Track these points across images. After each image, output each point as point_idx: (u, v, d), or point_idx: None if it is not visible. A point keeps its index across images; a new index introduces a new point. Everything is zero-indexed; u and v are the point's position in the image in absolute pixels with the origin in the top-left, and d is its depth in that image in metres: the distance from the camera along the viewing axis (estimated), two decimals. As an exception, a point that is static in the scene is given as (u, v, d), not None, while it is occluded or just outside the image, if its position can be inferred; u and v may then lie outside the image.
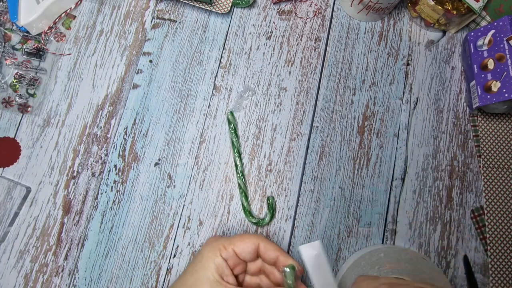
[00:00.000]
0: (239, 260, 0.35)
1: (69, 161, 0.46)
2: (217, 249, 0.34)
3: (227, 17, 0.52)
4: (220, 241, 0.35)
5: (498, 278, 0.45)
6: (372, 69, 0.51)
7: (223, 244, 0.35)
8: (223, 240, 0.35)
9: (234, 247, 0.34)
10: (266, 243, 0.35)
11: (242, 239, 0.35)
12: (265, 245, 0.35)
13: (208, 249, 0.35)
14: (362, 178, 0.48)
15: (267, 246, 0.35)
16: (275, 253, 0.34)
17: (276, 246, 0.35)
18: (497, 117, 0.50)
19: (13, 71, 0.48)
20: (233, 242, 0.35)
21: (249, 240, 0.35)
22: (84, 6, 0.51)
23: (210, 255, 0.34)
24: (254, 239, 0.35)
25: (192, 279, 0.33)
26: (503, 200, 0.48)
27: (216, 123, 0.48)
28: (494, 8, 0.52)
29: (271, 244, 0.35)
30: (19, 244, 0.43)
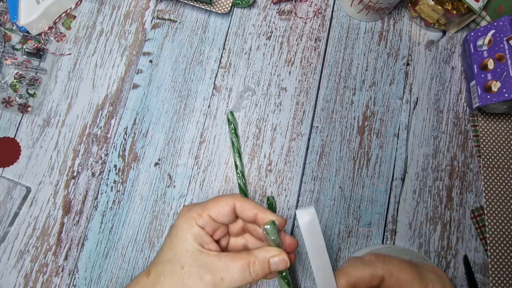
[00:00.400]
0: (218, 224, 0.33)
1: (69, 161, 0.46)
2: (192, 219, 0.32)
3: (227, 17, 0.52)
4: (194, 209, 0.33)
5: (498, 278, 0.45)
6: (372, 69, 0.51)
7: (197, 212, 0.33)
8: (197, 208, 0.33)
9: (209, 213, 0.32)
10: (242, 202, 0.33)
11: (216, 202, 0.33)
12: (241, 205, 0.33)
13: (183, 220, 0.33)
14: (362, 178, 0.48)
15: (243, 205, 0.33)
16: (252, 211, 0.33)
17: (252, 203, 0.33)
18: (497, 117, 0.50)
19: (13, 71, 0.48)
20: (207, 207, 0.33)
21: (224, 202, 0.33)
22: (84, 6, 0.51)
23: (185, 226, 0.32)
24: (229, 200, 0.33)
25: (170, 254, 0.32)
26: (503, 200, 0.48)
27: (216, 123, 0.48)
28: (494, 8, 0.52)
29: (247, 202, 0.33)
30: (19, 244, 0.43)
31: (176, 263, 0.31)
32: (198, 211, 0.33)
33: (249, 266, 0.30)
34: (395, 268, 0.29)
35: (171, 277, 0.30)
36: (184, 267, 0.30)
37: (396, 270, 0.29)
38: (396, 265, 0.29)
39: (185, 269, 0.30)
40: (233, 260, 0.31)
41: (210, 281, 0.30)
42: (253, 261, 0.31)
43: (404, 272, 0.29)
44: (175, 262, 0.31)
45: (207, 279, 0.30)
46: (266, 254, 0.31)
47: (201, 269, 0.30)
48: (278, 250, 0.32)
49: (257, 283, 0.44)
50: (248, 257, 0.31)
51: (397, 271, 0.29)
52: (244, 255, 0.31)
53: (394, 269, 0.29)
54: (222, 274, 0.30)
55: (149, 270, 0.32)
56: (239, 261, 0.30)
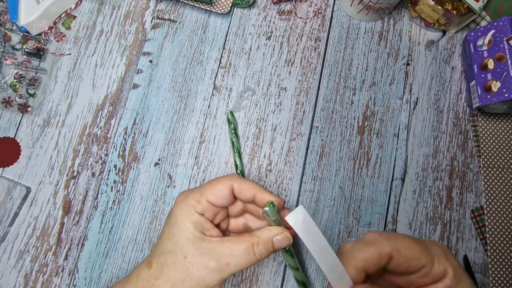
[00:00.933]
0: (217, 208, 0.33)
1: (69, 161, 0.46)
2: (190, 206, 0.31)
3: (227, 17, 0.52)
4: (191, 196, 0.32)
5: (498, 278, 0.45)
6: (372, 69, 0.51)
7: (195, 198, 0.32)
8: (194, 194, 0.32)
9: (208, 198, 0.32)
10: (240, 183, 0.32)
11: (213, 186, 0.32)
12: (239, 186, 0.32)
13: (180, 208, 0.32)
14: (362, 178, 0.48)
15: (241, 187, 0.32)
16: (250, 193, 0.32)
17: (250, 183, 0.32)
18: (497, 117, 0.50)
19: (13, 71, 0.48)
20: (205, 192, 0.32)
21: (221, 185, 0.32)
22: (84, 6, 0.51)
23: (183, 214, 0.31)
24: (226, 182, 0.32)
25: (171, 244, 0.31)
26: (503, 200, 0.48)
27: (216, 123, 0.48)
28: (494, 8, 0.52)
29: (245, 183, 0.32)
30: (19, 244, 0.43)
31: (179, 253, 0.30)
32: (195, 197, 0.32)
33: (253, 247, 0.30)
34: (402, 244, 0.28)
35: (175, 268, 0.30)
36: (187, 256, 0.30)
37: (404, 246, 0.27)
38: (402, 241, 0.28)
39: (188, 258, 0.30)
40: (237, 243, 0.30)
41: (215, 267, 0.29)
42: (257, 242, 0.30)
43: (411, 248, 0.27)
44: (177, 252, 0.30)
45: (212, 266, 0.29)
46: (269, 234, 0.31)
47: (204, 257, 0.30)
48: (280, 228, 0.32)
49: (257, 282, 0.44)
50: (251, 239, 0.30)
51: (404, 247, 0.27)
52: (247, 237, 0.31)
53: (401, 245, 0.27)
54: (227, 259, 0.29)
55: (150, 261, 0.32)
56: (242, 244, 0.30)
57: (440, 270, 0.27)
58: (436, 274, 0.27)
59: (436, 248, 0.28)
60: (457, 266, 0.27)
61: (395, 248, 0.27)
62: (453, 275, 0.27)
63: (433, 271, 0.27)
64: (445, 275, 0.27)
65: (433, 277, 0.27)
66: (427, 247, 0.28)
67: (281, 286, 0.44)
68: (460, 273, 0.27)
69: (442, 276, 0.27)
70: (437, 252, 0.28)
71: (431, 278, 0.27)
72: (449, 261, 0.27)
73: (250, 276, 0.44)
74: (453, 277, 0.27)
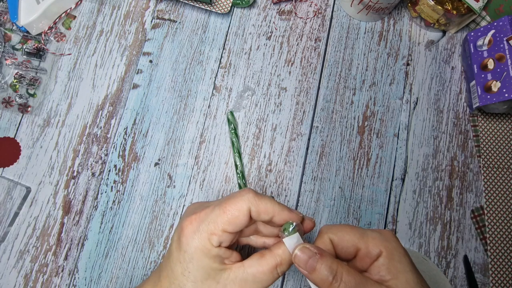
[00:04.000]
0: (234, 235, 0.30)
1: (69, 161, 0.46)
2: (205, 240, 0.29)
3: (227, 17, 0.52)
4: (204, 228, 0.29)
5: (498, 278, 0.45)
6: (372, 69, 0.51)
7: (209, 231, 0.29)
8: (206, 225, 0.29)
9: (224, 227, 0.29)
10: (257, 205, 0.30)
11: (228, 212, 0.29)
12: (257, 209, 0.30)
13: (195, 245, 0.29)
14: (362, 178, 0.48)
15: (259, 209, 0.30)
16: (268, 216, 0.30)
17: (268, 202, 0.30)
18: (497, 117, 0.50)
19: (13, 71, 0.48)
20: (219, 221, 0.29)
21: (237, 211, 0.29)
22: (84, 6, 0.51)
23: (199, 252, 0.29)
24: (243, 207, 0.29)
25: (189, 284, 0.29)
26: (503, 200, 0.48)
27: (216, 123, 0.48)
28: (494, 8, 0.52)
29: (262, 203, 0.30)
30: (19, 244, 0.43)
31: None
32: (209, 229, 0.29)
33: (276, 267, 0.29)
34: (338, 229, 0.30)
35: None
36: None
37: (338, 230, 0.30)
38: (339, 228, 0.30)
39: None
40: (259, 268, 0.29)
41: None
42: (280, 263, 0.30)
43: (345, 232, 0.30)
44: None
45: None
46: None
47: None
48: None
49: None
50: (274, 260, 0.29)
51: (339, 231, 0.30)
52: (269, 259, 0.29)
53: (336, 230, 0.30)
54: (252, 285, 0.29)
55: None
56: (266, 267, 0.29)
57: (375, 251, 0.29)
58: (373, 255, 0.29)
59: (374, 233, 0.30)
60: (394, 247, 0.29)
61: (330, 231, 0.30)
62: (385, 254, 0.28)
63: (369, 252, 0.29)
64: (380, 254, 0.29)
65: (372, 258, 0.29)
66: (363, 233, 0.30)
67: (281, 286, 0.44)
68: (395, 252, 0.29)
69: (379, 255, 0.29)
70: (373, 236, 0.29)
71: (370, 259, 0.29)
72: (384, 243, 0.29)
73: (250, 276, 0.44)
74: (385, 255, 0.28)
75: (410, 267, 0.28)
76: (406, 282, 0.27)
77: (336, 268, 0.27)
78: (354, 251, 0.30)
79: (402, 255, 0.29)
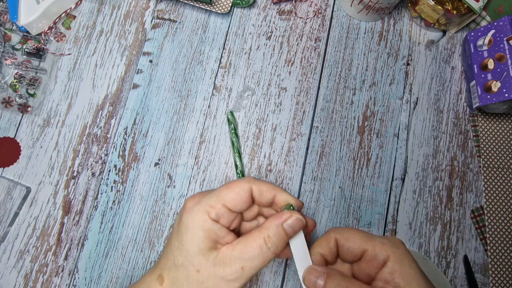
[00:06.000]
0: (234, 214, 0.30)
1: (69, 161, 0.46)
2: (203, 212, 0.29)
3: (227, 17, 0.52)
4: (204, 201, 0.29)
5: (498, 278, 0.45)
6: (372, 69, 0.51)
7: (209, 204, 0.29)
8: (208, 199, 0.29)
9: (224, 203, 0.29)
10: (259, 185, 0.30)
11: (231, 189, 0.29)
12: (258, 188, 0.30)
13: (193, 215, 0.29)
14: (362, 178, 0.48)
15: (261, 188, 0.30)
16: (271, 193, 0.30)
17: (269, 184, 0.31)
18: (497, 117, 0.50)
19: (13, 71, 0.48)
20: (221, 196, 0.29)
21: (240, 188, 0.29)
22: (84, 6, 0.51)
23: (196, 222, 0.29)
24: (245, 185, 0.30)
25: (181, 257, 0.29)
26: (503, 200, 0.48)
27: (216, 123, 0.48)
28: (494, 8, 0.52)
29: (264, 184, 0.30)
30: (19, 244, 0.43)
31: (190, 267, 0.28)
32: (210, 202, 0.29)
33: (265, 242, 0.28)
34: (345, 230, 0.30)
35: (189, 283, 0.28)
36: (200, 270, 0.28)
37: (345, 231, 0.30)
38: (346, 229, 0.31)
39: (202, 272, 0.28)
40: (247, 245, 0.28)
41: (231, 276, 0.27)
42: (267, 235, 0.28)
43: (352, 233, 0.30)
44: (188, 266, 0.28)
45: (227, 275, 0.28)
46: (278, 221, 0.29)
47: (218, 267, 0.28)
48: (288, 212, 0.29)
49: (257, 282, 0.44)
50: (261, 234, 0.28)
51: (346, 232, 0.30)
52: (256, 234, 0.28)
53: (343, 231, 0.30)
54: (241, 263, 0.28)
55: (160, 275, 0.30)
56: (253, 242, 0.28)
57: (383, 255, 0.28)
58: (380, 259, 0.28)
59: (382, 239, 0.30)
60: (403, 253, 0.29)
61: (338, 232, 0.30)
62: (394, 259, 0.28)
63: (376, 255, 0.29)
64: (388, 259, 0.28)
65: (379, 262, 0.28)
66: (370, 235, 0.30)
67: (281, 286, 0.44)
68: (404, 258, 0.28)
69: (386, 260, 0.28)
70: (382, 241, 0.29)
71: (376, 262, 0.29)
72: (393, 249, 0.29)
73: (250, 276, 0.44)
74: (395, 261, 0.28)
75: (420, 273, 0.28)
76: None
77: (346, 284, 0.27)
78: (360, 253, 0.29)
79: (411, 261, 0.28)
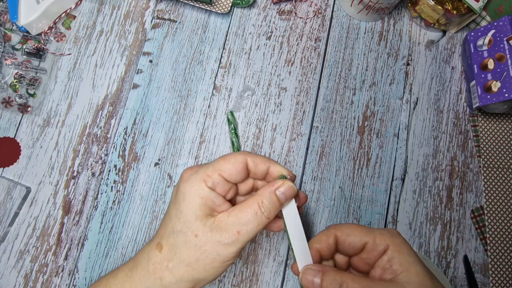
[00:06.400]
0: (229, 184, 0.31)
1: (69, 161, 0.46)
2: (200, 181, 0.30)
3: (227, 17, 0.52)
4: (201, 171, 0.31)
5: (498, 278, 0.45)
6: (372, 69, 0.51)
7: (206, 173, 0.30)
8: (204, 169, 0.31)
9: (221, 172, 0.30)
10: (254, 157, 0.32)
11: (226, 160, 0.31)
12: (253, 160, 0.32)
13: (190, 183, 0.30)
14: (362, 178, 0.48)
15: (256, 160, 0.32)
16: (266, 165, 0.32)
17: (263, 157, 0.32)
18: (497, 117, 0.50)
19: (13, 71, 0.48)
20: (217, 167, 0.30)
21: (235, 159, 0.31)
22: (84, 6, 0.51)
23: (193, 190, 0.30)
24: (241, 157, 0.31)
25: (179, 223, 0.30)
26: (503, 200, 0.48)
27: (216, 123, 0.48)
28: (494, 8, 0.52)
29: (259, 157, 0.32)
30: (19, 244, 0.43)
31: (189, 232, 0.29)
32: (207, 172, 0.30)
33: (259, 208, 0.29)
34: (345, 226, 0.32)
35: (187, 248, 0.29)
36: (198, 234, 0.29)
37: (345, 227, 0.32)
38: (346, 225, 0.32)
39: (199, 236, 0.29)
40: (242, 210, 0.29)
41: (228, 240, 0.29)
42: (261, 201, 0.30)
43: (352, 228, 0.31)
44: (187, 232, 0.29)
45: (224, 239, 0.29)
46: (271, 188, 0.30)
47: (215, 232, 0.29)
48: (280, 180, 0.31)
49: (257, 282, 0.44)
50: (256, 200, 0.30)
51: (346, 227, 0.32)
52: (250, 200, 0.30)
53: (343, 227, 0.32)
54: (237, 228, 0.29)
55: (159, 243, 0.31)
56: (248, 208, 0.29)
57: (383, 244, 0.30)
58: (380, 248, 0.30)
59: (381, 230, 0.31)
60: (401, 242, 0.30)
61: (337, 228, 0.32)
62: (393, 248, 0.29)
63: (376, 246, 0.30)
64: (387, 248, 0.30)
65: (378, 251, 0.30)
66: (369, 228, 0.31)
67: (281, 286, 0.44)
68: (402, 246, 0.30)
69: (386, 249, 0.30)
70: (381, 232, 0.31)
71: (376, 253, 0.30)
72: (392, 238, 0.30)
73: (250, 276, 0.44)
74: (393, 249, 0.29)
75: (418, 260, 0.29)
76: (416, 274, 0.28)
77: (341, 279, 0.29)
78: (361, 246, 0.31)
79: (409, 249, 0.30)
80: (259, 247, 0.45)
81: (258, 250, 0.45)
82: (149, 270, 0.30)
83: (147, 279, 0.30)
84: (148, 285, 0.30)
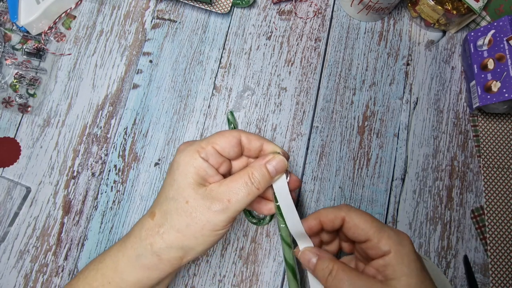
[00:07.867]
0: (222, 158, 0.32)
1: (69, 161, 0.46)
2: (194, 151, 0.31)
3: (227, 17, 0.52)
4: (196, 143, 0.31)
5: (498, 278, 0.45)
6: (372, 69, 0.51)
7: (200, 145, 0.31)
8: (199, 142, 0.32)
9: (214, 145, 0.31)
10: (248, 134, 0.33)
11: (221, 134, 0.32)
12: (247, 136, 0.32)
13: (184, 154, 0.31)
14: (362, 178, 0.48)
15: (250, 137, 0.32)
16: (259, 141, 0.33)
17: (257, 135, 0.33)
18: (497, 117, 0.50)
19: (13, 71, 0.48)
20: (211, 140, 0.31)
21: (229, 134, 0.32)
22: (84, 6, 0.51)
23: (186, 160, 0.30)
24: (235, 133, 0.32)
25: (172, 190, 0.30)
26: (503, 200, 0.48)
27: (216, 123, 0.48)
28: (494, 8, 0.52)
29: (253, 135, 0.33)
30: (19, 244, 0.43)
31: (180, 199, 0.30)
32: (201, 144, 0.31)
33: (250, 178, 0.30)
34: (357, 214, 0.32)
35: (178, 214, 0.30)
36: (189, 201, 0.30)
37: (357, 216, 0.32)
38: (358, 213, 0.32)
39: (190, 203, 0.29)
40: (233, 180, 0.30)
41: (218, 207, 0.29)
42: (251, 173, 0.31)
43: (363, 220, 0.32)
44: (178, 198, 0.30)
45: (215, 206, 0.29)
46: (262, 161, 0.31)
47: (206, 200, 0.29)
48: (271, 154, 0.32)
49: (257, 282, 0.44)
50: (246, 171, 0.31)
51: (358, 217, 0.32)
52: (242, 172, 0.31)
53: (355, 214, 0.32)
54: (228, 196, 0.30)
55: (152, 211, 0.31)
56: (239, 178, 0.30)
57: (385, 248, 0.30)
58: (381, 250, 0.30)
59: (392, 232, 0.31)
60: (406, 253, 0.30)
61: (349, 214, 0.32)
62: (394, 256, 0.30)
63: (379, 247, 0.30)
64: (388, 253, 0.30)
65: (378, 252, 0.30)
66: (381, 228, 0.31)
67: (281, 286, 0.44)
68: (405, 257, 0.30)
69: (385, 254, 0.30)
70: (390, 235, 0.31)
71: (376, 252, 0.31)
72: (398, 246, 0.30)
73: (250, 276, 0.44)
74: (394, 257, 0.30)
75: (416, 273, 0.29)
76: (406, 285, 0.28)
77: (332, 267, 0.31)
78: (364, 239, 0.32)
79: (411, 260, 0.30)
80: (259, 247, 0.45)
81: (258, 250, 0.45)
82: (141, 237, 0.30)
83: (138, 245, 0.30)
84: (140, 251, 0.30)
